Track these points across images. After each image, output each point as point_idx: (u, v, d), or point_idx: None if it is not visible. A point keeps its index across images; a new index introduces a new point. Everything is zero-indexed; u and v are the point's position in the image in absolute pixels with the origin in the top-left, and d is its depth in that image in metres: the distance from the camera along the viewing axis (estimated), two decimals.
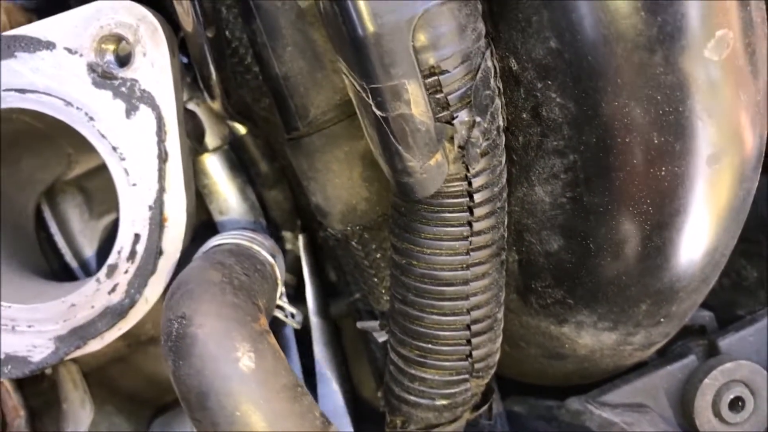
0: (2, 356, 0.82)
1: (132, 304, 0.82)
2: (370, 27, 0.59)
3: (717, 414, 0.81)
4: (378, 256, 0.85)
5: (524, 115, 0.67)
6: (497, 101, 0.66)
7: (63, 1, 1.23)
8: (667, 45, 0.59)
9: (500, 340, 0.77)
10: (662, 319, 0.75)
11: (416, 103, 0.62)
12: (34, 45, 0.78)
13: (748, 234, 0.90)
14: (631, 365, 0.85)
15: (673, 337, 0.85)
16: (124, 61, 0.80)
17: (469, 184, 0.67)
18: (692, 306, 0.77)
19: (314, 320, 0.90)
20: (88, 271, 1.05)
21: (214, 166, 0.94)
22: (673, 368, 0.83)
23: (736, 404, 0.82)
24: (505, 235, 0.73)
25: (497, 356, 0.78)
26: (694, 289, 0.73)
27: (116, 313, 0.82)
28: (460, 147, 0.65)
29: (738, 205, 0.69)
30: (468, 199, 0.67)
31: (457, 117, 0.63)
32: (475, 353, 0.74)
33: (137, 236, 0.81)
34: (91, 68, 0.78)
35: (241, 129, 0.98)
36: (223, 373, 0.59)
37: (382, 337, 0.88)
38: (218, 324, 0.61)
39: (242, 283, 0.66)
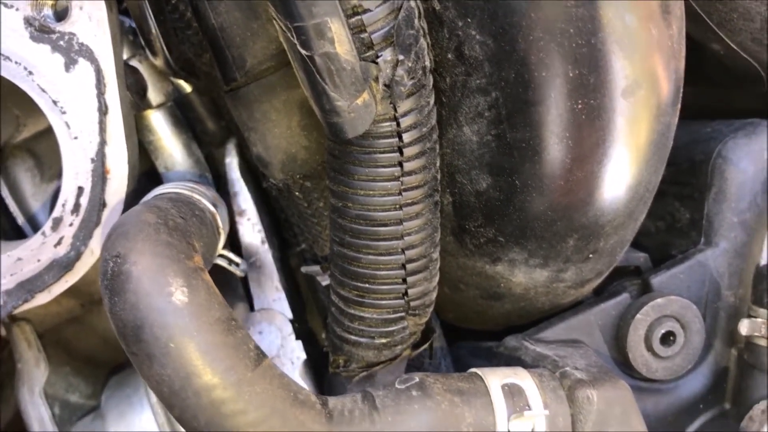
0: None
1: (78, 256, 0.83)
2: None
3: (649, 348, 0.84)
4: (321, 204, 0.87)
5: (449, 56, 0.69)
6: (422, 41, 0.68)
7: None
8: None
9: (437, 279, 0.79)
10: (591, 255, 0.78)
11: (340, 42, 0.64)
12: None
13: (680, 177, 0.93)
14: (568, 305, 0.88)
15: (609, 278, 0.88)
16: (61, 15, 0.80)
17: (398, 124, 0.69)
18: (620, 242, 0.80)
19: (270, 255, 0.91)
20: None
21: (158, 122, 0.95)
22: (606, 305, 0.86)
23: (668, 338, 0.85)
24: (438, 177, 0.75)
25: (434, 295, 0.80)
26: (620, 225, 0.76)
27: (62, 265, 0.83)
28: (385, 86, 0.66)
29: (657, 139, 0.71)
30: (397, 139, 0.69)
31: (381, 56, 0.65)
32: (410, 291, 0.76)
33: (80, 189, 0.82)
34: (28, 22, 0.79)
35: (187, 87, 0.99)
36: (156, 306, 0.61)
37: (325, 281, 0.90)
38: (152, 261, 0.63)
39: (177, 224, 0.68)
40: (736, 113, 0.97)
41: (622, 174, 0.71)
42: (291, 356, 0.88)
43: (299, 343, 0.88)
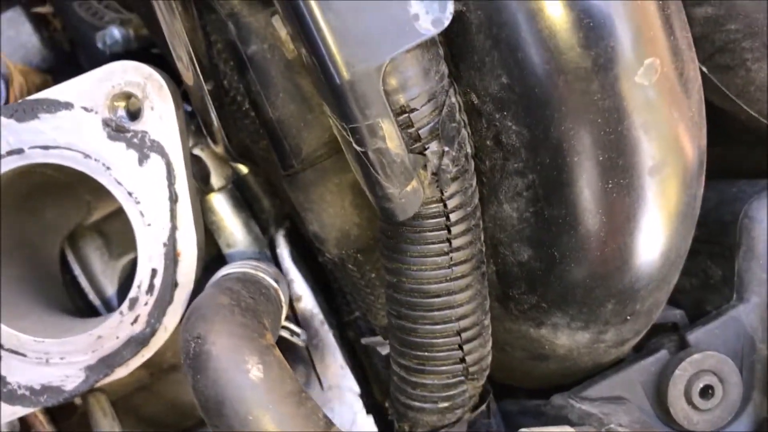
0: (38, 387, 0.91)
1: (153, 332, 0.90)
2: (345, 75, 0.68)
3: (689, 402, 0.89)
4: (373, 275, 0.93)
5: (488, 143, 0.76)
6: (463, 132, 0.75)
7: (74, 60, 1.34)
8: (602, 74, 0.69)
9: (490, 344, 0.85)
10: (629, 317, 0.83)
11: (390, 138, 0.71)
12: (54, 106, 0.88)
13: (711, 237, 0.98)
14: (610, 363, 0.93)
15: (648, 335, 0.93)
16: (134, 115, 0.89)
17: (445, 205, 0.76)
18: (656, 304, 0.85)
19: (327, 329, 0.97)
20: (109, 308, 1.13)
21: (220, 204, 1.03)
22: (646, 362, 0.91)
23: (707, 392, 0.89)
24: (483, 250, 0.81)
25: (489, 359, 0.86)
26: (654, 288, 0.81)
27: (139, 341, 0.90)
28: (433, 174, 0.74)
29: (684, 209, 0.77)
30: (445, 219, 0.76)
31: (428, 148, 0.73)
32: (467, 357, 0.82)
33: (154, 271, 0.90)
34: (106, 123, 0.88)
35: (244, 169, 1.07)
36: (235, 382, 0.68)
37: (385, 350, 0.96)
38: (229, 341, 0.70)
39: (248, 305, 0.75)
40: (762, 173, 1.02)
41: (653, 243, 0.77)
42: (362, 429, 0.93)
43: (370, 418, 0.94)
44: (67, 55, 1.34)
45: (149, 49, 1.22)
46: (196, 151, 1.01)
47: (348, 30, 0.68)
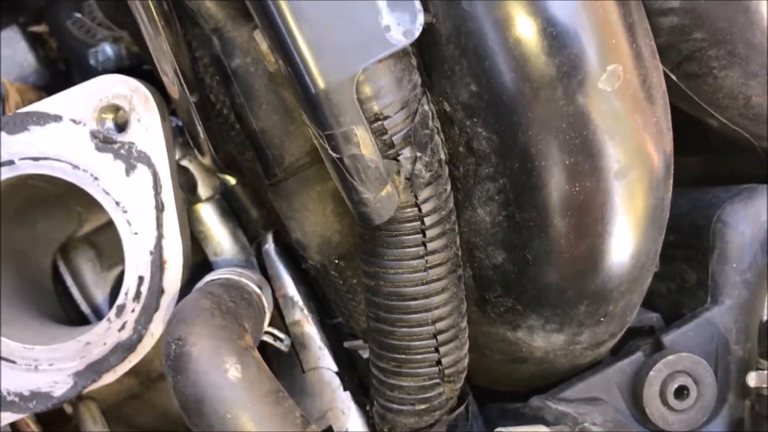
0: (27, 393, 0.93)
1: (140, 339, 0.92)
2: (320, 85, 0.71)
3: (665, 402, 0.90)
4: (354, 282, 0.96)
5: (461, 149, 0.78)
6: (436, 138, 0.78)
7: (69, 78, 1.37)
8: (566, 81, 0.71)
9: (467, 347, 0.87)
10: (602, 318, 0.85)
11: (365, 145, 0.73)
12: (44, 119, 0.90)
13: (686, 241, 1.01)
14: (587, 365, 0.94)
15: (624, 338, 0.95)
16: (122, 126, 0.91)
17: (419, 209, 0.78)
18: (629, 306, 0.87)
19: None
20: (101, 318, 1.15)
21: (207, 213, 1.05)
22: (622, 364, 0.92)
23: (682, 392, 0.91)
24: (459, 253, 0.83)
25: (465, 362, 0.87)
26: (626, 290, 0.84)
27: (126, 347, 0.92)
28: (406, 178, 0.76)
29: (652, 212, 0.80)
30: (420, 222, 0.79)
31: (401, 154, 0.75)
32: (444, 360, 0.84)
33: (141, 278, 0.92)
34: (94, 135, 0.90)
35: (231, 180, 1.10)
36: (214, 382, 0.70)
37: (366, 354, 0.98)
38: (209, 342, 0.72)
39: (229, 308, 0.77)
40: (738, 178, 1.05)
41: (622, 245, 0.79)
42: (342, 407, 0.96)
43: (347, 394, 0.96)
44: (63, 73, 1.37)
45: (141, 66, 1.25)
46: (184, 163, 1.04)
47: (322, 41, 0.70)
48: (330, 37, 0.70)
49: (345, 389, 0.97)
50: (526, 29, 0.71)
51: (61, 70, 1.38)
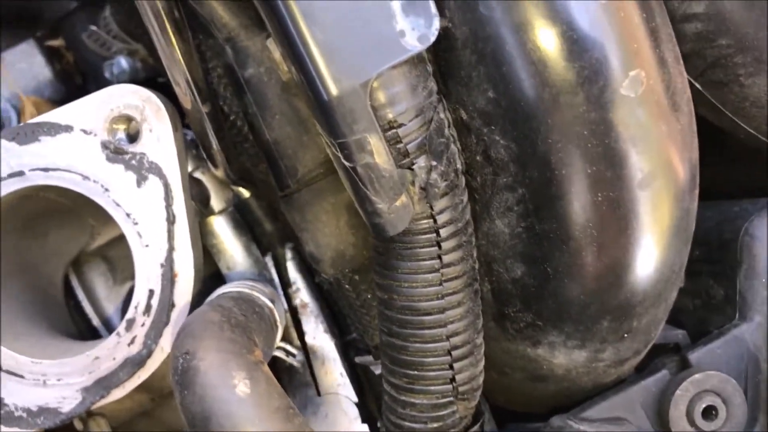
0: (35, 408, 0.91)
1: (149, 353, 0.90)
2: (333, 91, 0.69)
3: (692, 423, 0.87)
4: (368, 296, 0.93)
5: (478, 158, 0.76)
6: (452, 147, 0.75)
7: (84, 91, 1.37)
8: (586, 87, 0.69)
9: (482, 364, 0.84)
10: (626, 335, 0.82)
11: (378, 154, 0.71)
12: (55, 129, 0.89)
13: (713, 256, 0.97)
14: (610, 383, 0.91)
15: (649, 355, 0.91)
16: (133, 137, 0.90)
17: (435, 221, 0.75)
18: (654, 321, 0.84)
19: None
20: (113, 332, 1.14)
21: (220, 226, 1.04)
22: (647, 382, 0.89)
23: (710, 413, 0.87)
24: (476, 267, 0.81)
25: (481, 379, 0.84)
26: (651, 305, 0.80)
27: (135, 362, 0.90)
28: (421, 188, 0.74)
29: (677, 224, 0.77)
30: (435, 234, 0.76)
31: (416, 163, 0.73)
32: (458, 377, 0.81)
33: (151, 292, 0.90)
34: (105, 146, 0.89)
35: (245, 193, 1.08)
36: (222, 398, 0.68)
37: (378, 370, 0.95)
38: (217, 356, 0.70)
39: (239, 321, 0.75)
40: (763, 190, 1.02)
41: (646, 258, 0.76)
42: None
43: (365, 426, 0.93)
44: (79, 87, 1.37)
45: (156, 79, 1.24)
46: (197, 175, 1.02)
47: (335, 47, 0.69)
48: (343, 43, 0.68)
49: (363, 421, 0.94)
50: (545, 33, 0.69)
51: (77, 83, 1.38)
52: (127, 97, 0.89)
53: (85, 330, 1.13)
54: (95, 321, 1.15)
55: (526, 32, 0.69)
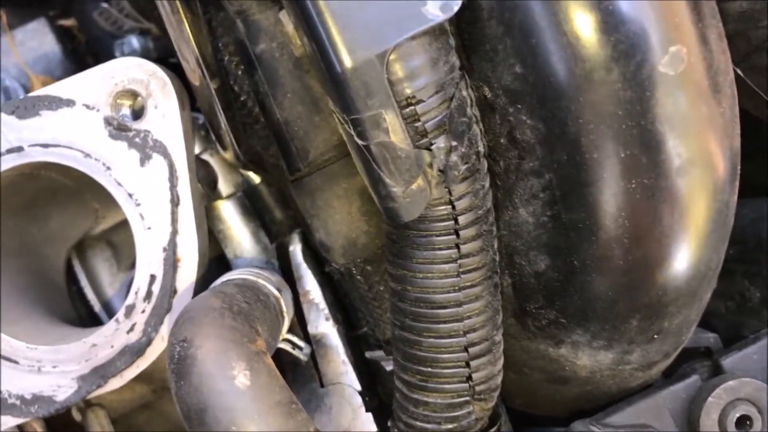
0: (29, 396, 0.87)
1: (149, 341, 0.86)
2: (347, 62, 0.64)
3: None
4: (381, 288, 0.88)
5: (502, 140, 0.71)
6: (475, 128, 0.70)
7: None
8: (622, 62, 0.63)
9: (501, 362, 0.79)
10: (656, 336, 0.76)
11: (394, 132, 0.66)
12: (56, 103, 0.85)
13: (748, 255, 0.92)
14: (637, 388, 0.86)
15: (678, 359, 0.86)
16: (138, 113, 0.86)
17: (453, 207, 0.70)
18: (686, 322, 0.78)
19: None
20: None
21: (228, 211, 0.99)
22: (676, 388, 0.83)
23: (744, 422, 0.81)
24: (496, 258, 0.76)
25: (499, 379, 0.79)
26: (683, 304, 0.75)
27: (134, 351, 0.86)
28: (440, 171, 0.68)
29: (715, 216, 0.71)
30: (453, 222, 0.71)
31: (435, 143, 0.68)
32: (475, 375, 0.76)
33: (153, 277, 0.86)
34: (108, 122, 0.85)
35: (255, 178, 1.04)
36: (219, 389, 0.63)
37: (389, 366, 0.90)
38: (216, 345, 0.65)
39: (241, 309, 0.70)
40: None
41: (681, 253, 0.71)
42: (361, 428, 0.89)
43: (369, 415, 0.90)
44: (90, 67, 1.33)
45: (168, 59, 1.20)
46: (205, 157, 0.98)
47: (350, 14, 0.64)
48: (359, 10, 0.64)
49: (367, 410, 0.89)
50: (578, 2, 0.63)
51: (88, 63, 1.34)
52: (132, 71, 0.84)
53: (86, 317, 1.10)
54: (97, 307, 1.11)
55: (557, 1, 0.64)
